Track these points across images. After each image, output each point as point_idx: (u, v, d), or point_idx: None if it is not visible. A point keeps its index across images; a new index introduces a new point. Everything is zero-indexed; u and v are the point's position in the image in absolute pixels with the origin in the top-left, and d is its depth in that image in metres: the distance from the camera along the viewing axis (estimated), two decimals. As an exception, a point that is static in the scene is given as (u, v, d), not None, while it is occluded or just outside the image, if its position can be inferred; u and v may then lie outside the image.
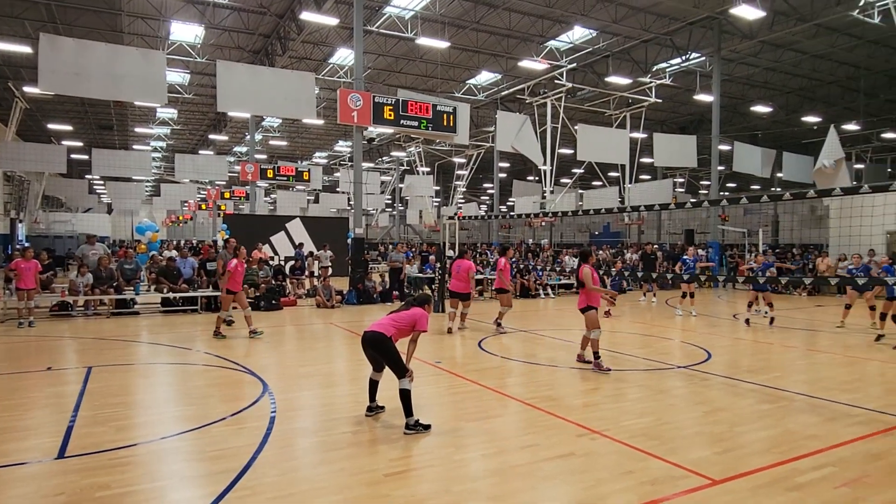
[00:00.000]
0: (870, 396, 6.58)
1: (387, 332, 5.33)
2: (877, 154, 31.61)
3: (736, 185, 45.71)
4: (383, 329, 5.35)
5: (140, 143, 40.42)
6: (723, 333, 11.31)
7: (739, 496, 3.90)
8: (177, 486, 4.11)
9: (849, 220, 15.81)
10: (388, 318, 5.52)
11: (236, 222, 23.92)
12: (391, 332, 5.35)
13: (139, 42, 21.27)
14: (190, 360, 8.36)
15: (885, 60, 23.74)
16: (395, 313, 5.57)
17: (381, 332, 5.32)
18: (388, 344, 5.28)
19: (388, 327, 5.38)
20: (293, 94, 15.20)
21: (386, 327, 5.38)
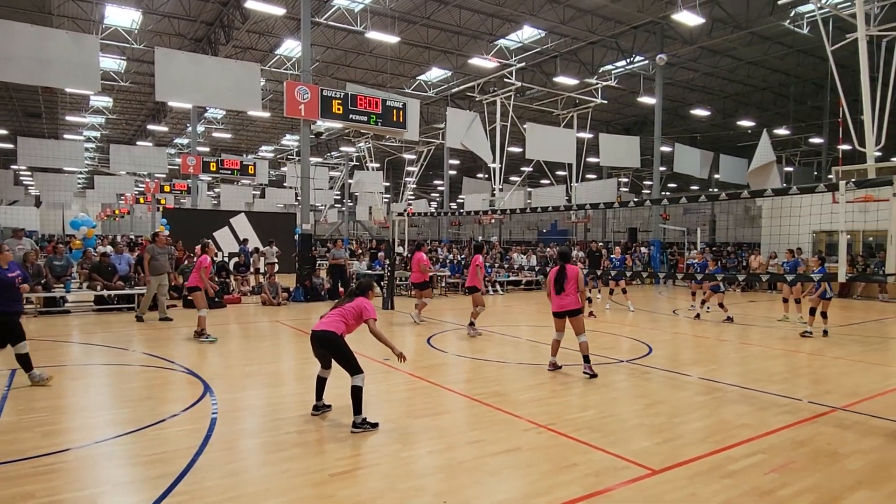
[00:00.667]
0: (797, 387, 6.97)
1: (337, 329, 5.22)
2: (805, 158, 33.57)
3: (676, 185, 47.51)
4: (333, 327, 5.23)
5: (72, 132, 38.28)
6: (664, 328, 11.74)
7: (677, 484, 4.05)
8: (109, 492, 3.91)
9: (779, 219, 16.72)
10: (335, 312, 5.38)
11: (177, 217, 22.99)
12: (341, 329, 5.25)
13: (70, 25, 20.10)
14: (126, 361, 7.98)
15: (813, 69, 25.19)
16: (339, 307, 5.44)
17: (332, 330, 5.20)
18: (339, 342, 5.19)
19: (337, 324, 5.25)
20: (237, 84, 14.72)
21: (335, 324, 5.25)
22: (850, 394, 6.60)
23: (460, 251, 24.46)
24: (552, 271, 7.50)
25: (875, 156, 13.01)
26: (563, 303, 7.31)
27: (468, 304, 15.85)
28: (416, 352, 9.02)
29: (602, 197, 27.35)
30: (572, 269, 7.35)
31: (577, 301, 7.31)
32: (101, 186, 38.90)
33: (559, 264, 7.46)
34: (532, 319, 12.90)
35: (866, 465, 4.47)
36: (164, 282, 11.89)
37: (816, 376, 7.60)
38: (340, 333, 5.21)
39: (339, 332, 5.21)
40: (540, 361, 8.33)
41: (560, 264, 7.43)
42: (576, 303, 7.30)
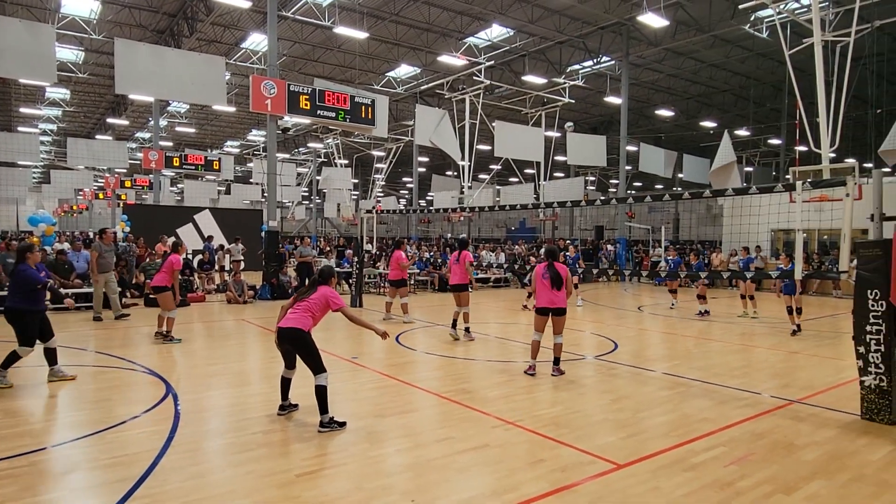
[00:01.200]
0: (755, 381, 7.18)
1: (304, 325, 5.13)
2: (764, 158, 34.60)
3: (642, 184, 48.43)
4: (300, 324, 5.13)
5: (26, 124, 36.83)
6: (629, 325, 11.95)
7: (641, 478, 4.13)
8: (65, 498, 3.78)
9: (739, 218, 17.20)
10: (300, 306, 5.24)
11: (139, 213, 22.40)
12: (308, 325, 5.16)
13: (24, 13, 19.31)
14: (84, 362, 7.73)
15: (772, 72, 25.97)
16: (304, 299, 5.29)
17: (298, 327, 5.10)
18: (306, 339, 5.12)
19: (304, 319, 5.15)
20: (201, 78, 14.38)
21: (302, 320, 5.14)
22: (806, 387, 6.84)
23: (429, 248, 24.45)
24: (541, 267, 7.23)
25: (830, 157, 13.47)
26: (556, 299, 7.09)
27: (438, 301, 15.90)
28: (384, 350, 8.99)
29: (569, 195, 27.66)
30: (563, 268, 7.21)
31: (566, 299, 7.18)
32: (58, 181, 37.51)
33: (548, 261, 7.24)
34: (500, 317, 12.98)
35: (821, 455, 4.64)
36: (111, 279, 11.59)
37: (774, 370, 7.85)
38: (308, 330, 5.13)
39: (306, 328, 5.12)
40: (508, 358, 8.40)
41: (549, 261, 7.21)
42: (565, 301, 7.17)
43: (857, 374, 5.61)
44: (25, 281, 6.29)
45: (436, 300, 16.12)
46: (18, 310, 6.30)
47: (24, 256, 6.48)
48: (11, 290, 6.38)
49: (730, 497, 3.85)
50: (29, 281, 6.29)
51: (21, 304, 6.31)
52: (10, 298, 6.34)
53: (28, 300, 6.33)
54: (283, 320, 5.21)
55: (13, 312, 6.31)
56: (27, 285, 6.29)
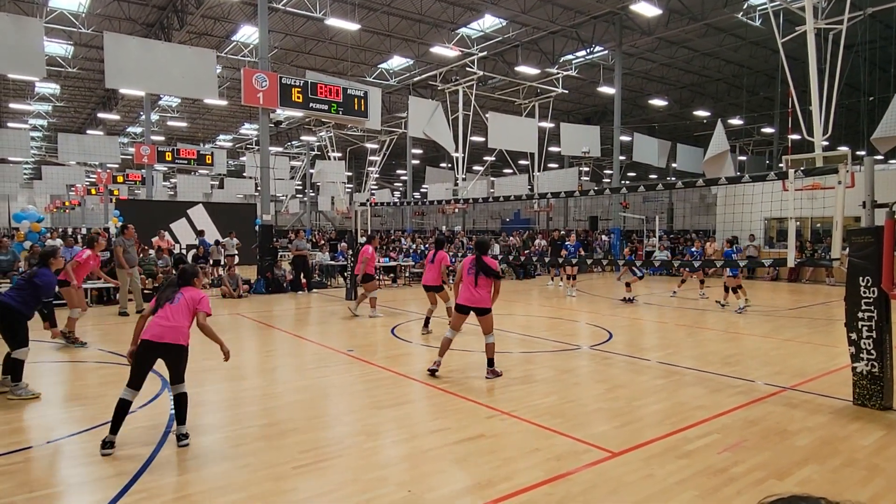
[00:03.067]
0: (748, 368, 7.23)
1: (185, 339, 4.57)
2: (757, 147, 34.67)
3: (636, 174, 48.47)
4: (180, 337, 4.54)
5: (16, 120, 36.45)
6: (624, 315, 12.00)
7: (635, 466, 4.16)
8: (61, 493, 3.78)
9: (733, 207, 17.24)
10: (169, 312, 4.55)
11: (131, 208, 22.29)
12: (187, 338, 4.61)
13: (11, 7, 19.08)
14: (79, 357, 7.72)
15: (765, 61, 25.97)
16: (169, 304, 4.59)
17: (180, 342, 4.54)
18: (186, 352, 4.64)
19: (181, 331, 4.54)
20: (192, 71, 14.27)
21: (180, 331, 4.53)
22: (799, 374, 6.90)
23: (424, 241, 24.44)
24: (467, 260, 6.75)
25: (822, 145, 13.51)
26: (475, 297, 6.55)
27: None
28: (381, 342, 9.00)
29: (564, 186, 27.70)
30: (492, 263, 6.69)
31: (489, 299, 6.65)
32: (50, 177, 37.26)
33: (475, 254, 6.71)
34: (494, 308, 12.99)
35: (813, 441, 4.68)
36: (135, 275, 11.71)
37: (767, 358, 7.91)
38: (187, 345, 4.61)
39: (186, 343, 4.59)
40: (503, 349, 8.42)
41: (476, 254, 6.68)
42: (489, 300, 6.63)
43: (849, 360, 5.66)
44: (46, 287, 6.13)
45: (431, 292, 16.13)
46: (17, 310, 5.88)
47: (48, 262, 6.34)
48: (21, 288, 6.03)
49: (723, 483, 3.89)
50: (45, 289, 6.12)
51: (22, 305, 5.92)
52: (16, 297, 5.92)
53: (29, 305, 5.99)
54: (154, 329, 4.51)
55: (10, 311, 5.85)
56: (43, 292, 6.08)
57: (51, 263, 6.37)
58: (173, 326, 4.51)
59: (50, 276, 6.30)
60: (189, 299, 4.66)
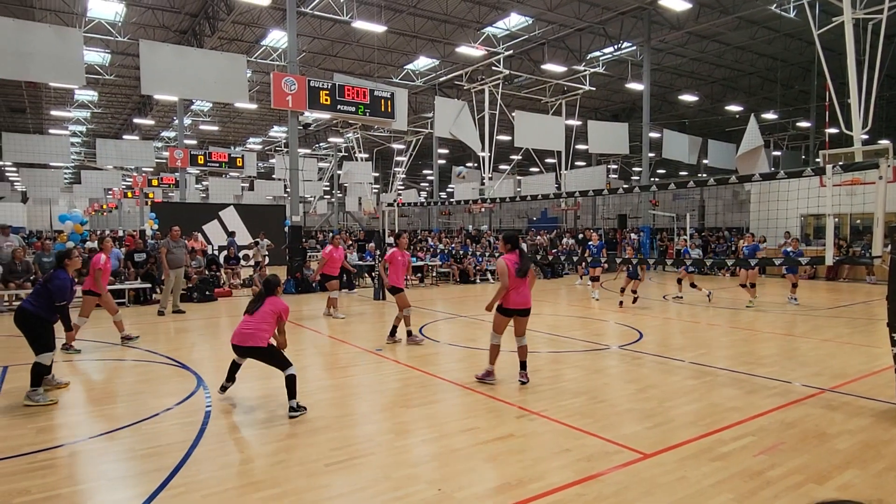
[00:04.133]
0: (785, 369, 7.06)
1: (262, 342, 5.32)
2: (792, 142, 33.75)
3: (665, 171, 47.69)
4: (259, 341, 5.30)
5: (57, 126, 37.71)
6: (654, 314, 11.83)
7: (668, 468, 4.11)
8: (105, 487, 3.91)
9: (767, 204, 16.84)
10: (253, 319, 5.36)
11: (166, 210, 22.85)
12: (266, 340, 5.35)
13: (52, 19, 19.75)
14: (118, 356, 7.96)
15: (800, 53, 25.27)
16: (255, 312, 5.40)
17: (258, 344, 5.30)
18: (267, 350, 5.35)
19: (261, 335, 5.31)
20: (224, 76, 14.58)
21: (259, 336, 5.31)
22: (838, 375, 6.70)
23: (451, 240, 24.47)
24: (513, 258, 6.16)
25: (862, 139, 13.07)
26: (528, 298, 6.26)
27: (460, 293, 15.92)
28: (409, 342, 9.05)
29: (591, 184, 27.38)
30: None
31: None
32: (89, 181, 38.40)
33: (517, 250, 6.25)
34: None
35: (854, 444, 4.55)
36: (180, 275, 11.95)
37: (805, 358, 7.71)
38: (267, 346, 5.35)
39: (264, 345, 5.33)
40: (531, 349, 8.38)
41: (519, 250, 6.28)
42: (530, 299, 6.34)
43: (892, 361, 5.47)
44: (59, 290, 5.87)
45: (457, 292, 16.17)
46: (36, 315, 5.74)
47: (63, 263, 6.17)
48: (38, 293, 5.86)
49: (759, 486, 3.81)
50: (59, 293, 5.86)
51: (41, 310, 5.76)
52: (34, 301, 5.79)
53: (49, 310, 5.82)
54: (237, 336, 5.39)
55: (30, 316, 5.73)
56: (57, 296, 5.84)
57: (66, 265, 6.18)
58: (249, 333, 5.32)
59: (64, 278, 6.02)
60: (271, 307, 5.41)
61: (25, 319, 5.72)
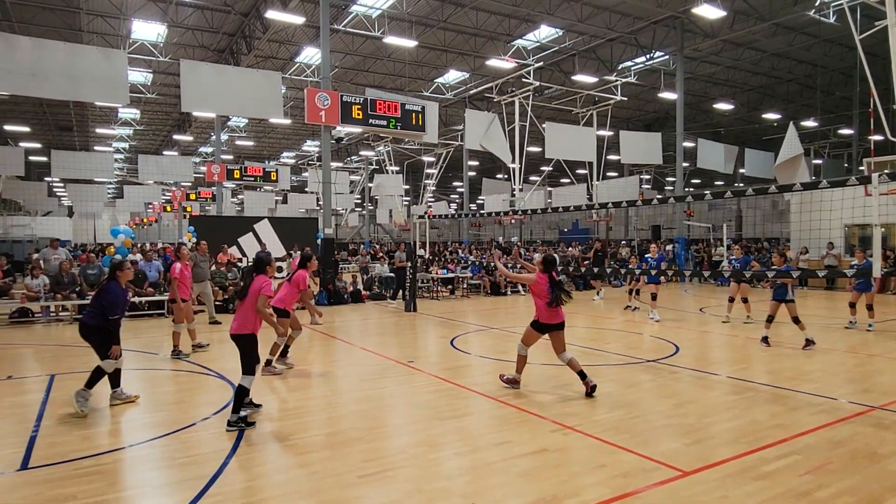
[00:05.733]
0: (831, 385, 6.80)
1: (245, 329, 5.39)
2: (834, 150, 32.75)
3: (700, 181, 46.79)
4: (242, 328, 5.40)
5: (101, 144, 39.27)
6: (690, 327, 11.56)
7: (709, 486, 3.99)
8: (146, 494, 4.01)
9: (809, 214, 16.35)
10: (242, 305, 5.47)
11: (203, 224, 23.48)
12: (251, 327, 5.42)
13: (99, 41, 20.65)
14: (157, 366, 8.17)
15: (840, 59, 24.59)
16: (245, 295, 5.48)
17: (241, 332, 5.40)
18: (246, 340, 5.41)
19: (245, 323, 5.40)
20: (259, 93, 14.97)
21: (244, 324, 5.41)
22: (888, 392, 6.42)
23: (481, 252, 24.45)
24: (546, 278, 6.42)
25: (908, 146, 12.64)
26: (561, 312, 6.46)
27: (491, 305, 15.85)
28: (440, 353, 9.05)
29: (624, 195, 27.03)
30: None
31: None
32: (130, 196, 39.83)
33: (548, 272, 6.48)
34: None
35: (906, 464, 4.35)
36: (206, 289, 12.20)
37: (851, 375, 7.42)
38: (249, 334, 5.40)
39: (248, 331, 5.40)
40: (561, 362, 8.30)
41: (549, 272, 6.49)
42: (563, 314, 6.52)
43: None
44: (111, 305, 5.92)
45: (488, 304, 16.10)
46: (95, 326, 5.90)
47: (115, 274, 6.15)
48: (93, 306, 6.00)
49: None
50: (111, 308, 5.92)
51: (99, 320, 5.91)
52: (90, 314, 5.96)
53: (106, 319, 5.92)
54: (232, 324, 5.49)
55: (90, 329, 5.91)
56: (109, 311, 5.90)
57: (118, 276, 6.12)
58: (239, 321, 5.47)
59: (117, 292, 6.02)
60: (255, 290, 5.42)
61: (89, 332, 5.92)
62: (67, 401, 5.96)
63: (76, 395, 5.73)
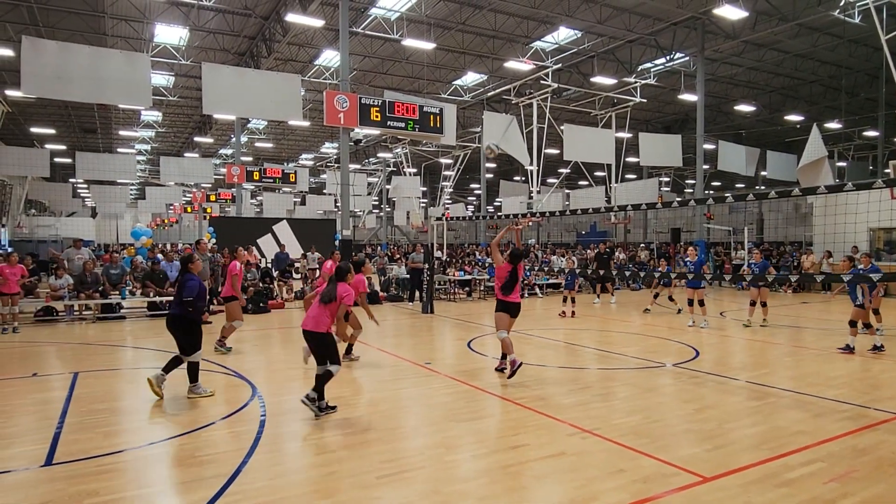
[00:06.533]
0: (856, 392, 6.66)
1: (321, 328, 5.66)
2: (859, 152, 32.10)
3: (721, 183, 46.18)
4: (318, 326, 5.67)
5: (124, 145, 39.99)
6: (710, 331, 11.40)
7: (730, 493, 3.93)
8: (166, 491, 4.06)
9: (833, 217, 16.06)
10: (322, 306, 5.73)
11: (223, 225, 23.73)
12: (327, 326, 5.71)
13: (123, 45, 21.05)
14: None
15: (866, 59, 24.12)
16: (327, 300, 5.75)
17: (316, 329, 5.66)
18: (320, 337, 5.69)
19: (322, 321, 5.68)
20: (279, 95, 15.11)
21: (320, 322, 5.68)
22: (915, 399, 6.27)
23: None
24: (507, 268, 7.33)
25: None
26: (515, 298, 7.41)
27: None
28: (457, 355, 9.04)
29: (643, 197, 26.78)
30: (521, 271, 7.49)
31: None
32: (152, 197, 40.42)
33: (514, 264, 7.34)
34: (571, 323, 12.73)
35: (934, 474, 4.24)
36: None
37: (876, 381, 7.26)
38: (326, 330, 5.70)
39: (323, 330, 5.69)
40: (581, 365, 8.24)
41: (514, 265, 7.35)
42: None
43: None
44: (189, 289, 6.34)
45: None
46: (182, 316, 6.35)
47: (187, 267, 6.61)
48: (176, 297, 6.46)
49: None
50: (189, 290, 6.32)
51: (184, 310, 6.33)
52: (176, 306, 6.42)
53: (188, 308, 6.33)
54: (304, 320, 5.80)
55: (178, 319, 6.37)
56: (186, 292, 6.32)
57: (191, 268, 6.59)
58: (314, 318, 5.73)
59: (193, 279, 6.44)
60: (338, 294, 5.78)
61: (176, 323, 6.38)
62: (90, 398, 6.06)
63: (190, 391, 6.36)
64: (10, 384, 7.06)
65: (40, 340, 10.33)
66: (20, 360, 8.74)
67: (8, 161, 21.78)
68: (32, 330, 11.46)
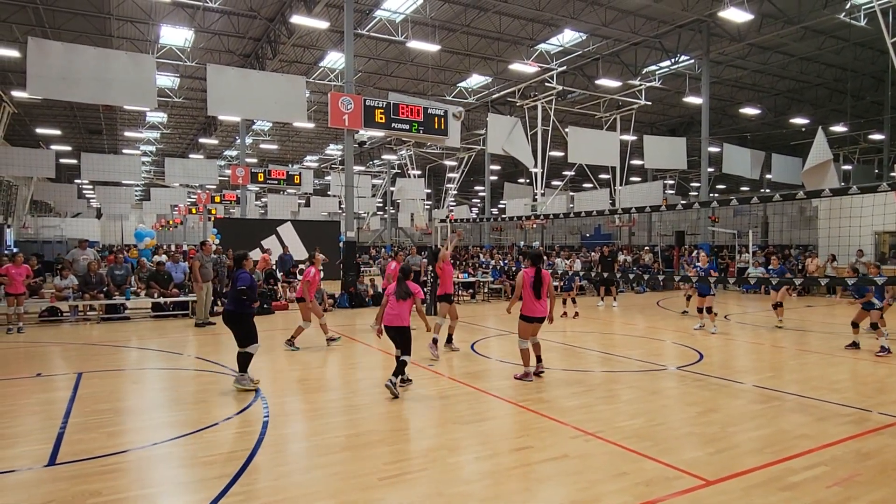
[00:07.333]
0: (860, 395, 6.63)
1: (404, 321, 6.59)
2: (864, 155, 31.97)
3: (725, 186, 46.06)
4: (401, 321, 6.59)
5: (129, 147, 40.14)
6: (715, 334, 11.36)
7: (733, 496, 3.92)
8: (169, 492, 4.07)
9: (838, 220, 15.99)
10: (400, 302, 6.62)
11: (227, 226, 23.80)
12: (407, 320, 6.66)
13: (128, 46, 21.14)
14: (181, 366, 8.29)
15: (872, 63, 24.04)
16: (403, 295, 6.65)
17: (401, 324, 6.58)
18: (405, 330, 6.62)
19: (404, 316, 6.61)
20: (284, 97, 15.16)
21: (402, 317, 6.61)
22: (920, 403, 6.24)
23: (503, 256, 24.36)
24: (528, 273, 7.16)
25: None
26: (543, 308, 7.21)
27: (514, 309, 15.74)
28: (461, 357, 9.04)
29: (647, 200, 26.75)
30: (546, 275, 7.25)
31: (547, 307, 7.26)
32: (157, 198, 40.59)
33: (535, 267, 7.20)
34: (574, 325, 12.72)
35: (940, 479, 4.21)
36: (208, 289, 12.39)
37: (881, 385, 7.22)
38: (407, 324, 6.61)
39: (406, 324, 6.62)
40: (585, 368, 8.23)
41: (536, 267, 7.21)
42: (547, 309, 7.29)
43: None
44: (243, 282, 6.64)
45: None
46: (237, 312, 6.66)
47: (241, 263, 6.95)
48: (231, 293, 6.79)
49: (834, 520, 3.58)
50: (243, 283, 6.63)
51: (239, 306, 6.65)
52: (231, 302, 6.73)
53: (243, 304, 6.66)
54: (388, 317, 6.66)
55: (233, 315, 6.68)
56: (247, 293, 6.62)
57: (244, 265, 6.93)
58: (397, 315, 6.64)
59: (248, 278, 6.71)
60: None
61: (232, 318, 6.72)
62: (95, 398, 6.08)
63: (237, 381, 6.67)
64: (14, 384, 7.09)
65: (45, 341, 10.38)
66: (25, 360, 8.79)
67: (13, 162, 21.89)
68: (37, 330, 11.52)
